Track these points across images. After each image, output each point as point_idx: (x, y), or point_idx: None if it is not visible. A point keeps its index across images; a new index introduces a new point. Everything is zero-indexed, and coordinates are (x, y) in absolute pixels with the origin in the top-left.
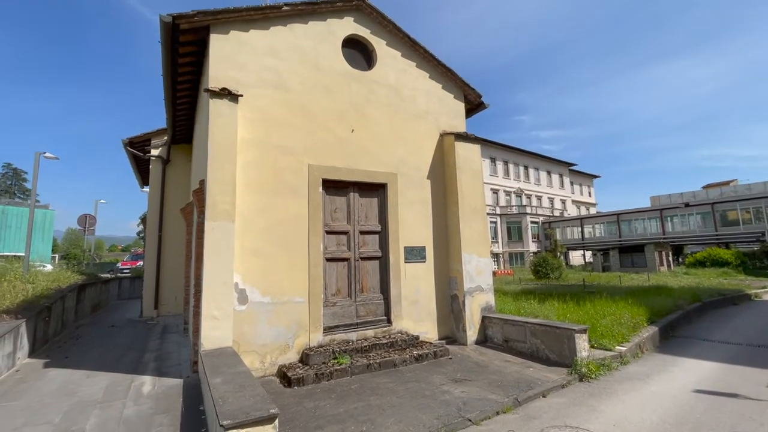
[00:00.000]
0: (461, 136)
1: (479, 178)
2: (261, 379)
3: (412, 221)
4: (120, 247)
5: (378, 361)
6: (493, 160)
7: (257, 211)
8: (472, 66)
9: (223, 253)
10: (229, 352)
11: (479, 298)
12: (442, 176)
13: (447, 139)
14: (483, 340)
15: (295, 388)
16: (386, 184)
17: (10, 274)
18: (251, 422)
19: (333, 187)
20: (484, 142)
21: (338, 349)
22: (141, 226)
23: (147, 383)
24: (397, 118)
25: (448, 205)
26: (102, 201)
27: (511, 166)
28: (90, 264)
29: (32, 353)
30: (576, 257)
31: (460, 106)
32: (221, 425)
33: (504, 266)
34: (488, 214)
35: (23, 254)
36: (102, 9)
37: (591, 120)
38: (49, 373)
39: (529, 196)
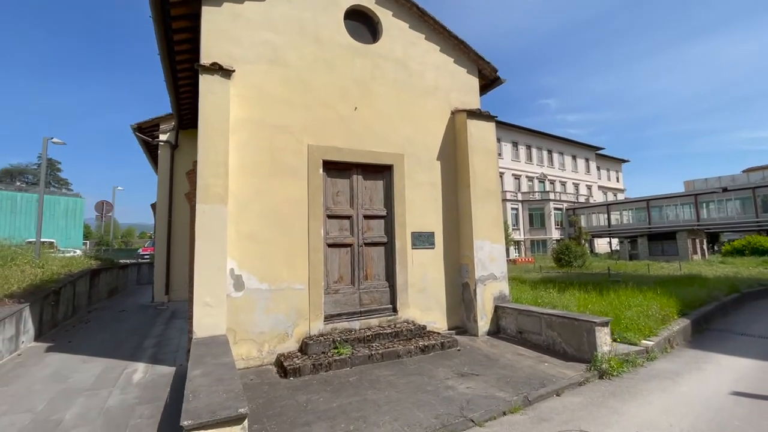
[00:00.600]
0: (474, 113)
1: (493, 158)
2: (258, 368)
3: (420, 205)
4: (148, 234)
5: (380, 351)
6: (515, 144)
7: (253, 194)
8: (497, 47)
9: (216, 237)
10: (221, 340)
11: (492, 287)
12: (453, 157)
13: (458, 117)
14: (495, 331)
15: (291, 378)
16: (392, 165)
17: (20, 258)
18: (216, 423)
19: (335, 168)
20: (506, 126)
21: (339, 339)
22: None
23: (139, 371)
24: (404, 94)
25: (459, 188)
26: (119, 188)
27: (534, 151)
28: (109, 250)
29: (39, 337)
30: (601, 245)
31: (474, 82)
32: (181, 426)
33: (525, 254)
34: (509, 200)
35: (54, 240)
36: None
37: (621, 102)
38: (47, 358)
39: (552, 182)
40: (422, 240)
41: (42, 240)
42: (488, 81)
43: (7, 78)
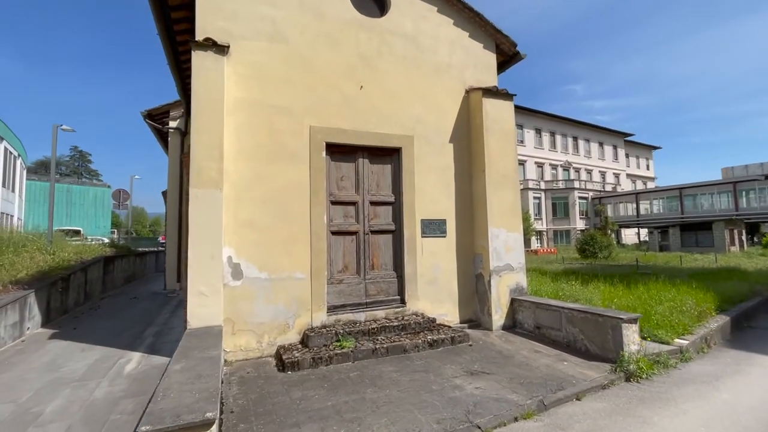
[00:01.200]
0: (490, 92)
1: (511, 140)
2: (257, 360)
3: (430, 191)
4: None
5: (385, 345)
6: (538, 131)
7: (252, 179)
8: (521, 30)
9: (211, 224)
10: (215, 331)
11: (508, 278)
12: (467, 139)
13: (473, 96)
14: (511, 326)
15: (289, 372)
16: (401, 148)
17: (30, 245)
18: (178, 429)
19: (339, 152)
20: (528, 112)
21: (343, 331)
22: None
23: (134, 360)
24: (414, 72)
25: (474, 173)
26: (136, 177)
27: (558, 138)
28: (128, 238)
29: (47, 323)
30: (629, 236)
31: (491, 58)
32: None
33: (547, 244)
34: (532, 189)
35: (80, 228)
36: None
37: (654, 86)
38: (49, 345)
39: (577, 170)
40: (433, 228)
41: (69, 228)
42: (507, 57)
43: (51, 75)
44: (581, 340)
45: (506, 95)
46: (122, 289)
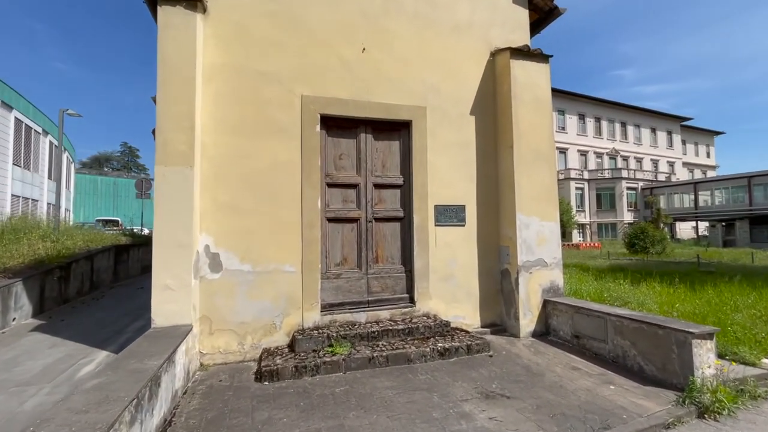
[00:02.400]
0: (519, 52)
1: (545, 110)
2: (238, 365)
3: (446, 171)
4: None
5: (386, 353)
6: (581, 117)
7: (234, 157)
8: (570, 11)
9: (180, 206)
10: (179, 333)
11: (540, 276)
12: (491, 110)
13: (500, 59)
14: (543, 332)
15: (266, 383)
16: (411, 121)
17: (34, 233)
18: None
19: (337, 126)
20: (571, 96)
21: (337, 334)
22: None
23: (95, 361)
24: (428, 32)
25: (500, 149)
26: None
27: (604, 124)
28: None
29: (39, 313)
30: (684, 230)
31: (522, 14)
32: None
33: (591, 238)
34: (574, 179)
35: (118, 218)
36: None
37: (715, 68)
38: (25, 339)
39: (626, 158)
40: (449, 215)
41: (107, 219)
42: (542, 14)
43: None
44: (633, 357)
45: (540, 56)
46: (137, 278)
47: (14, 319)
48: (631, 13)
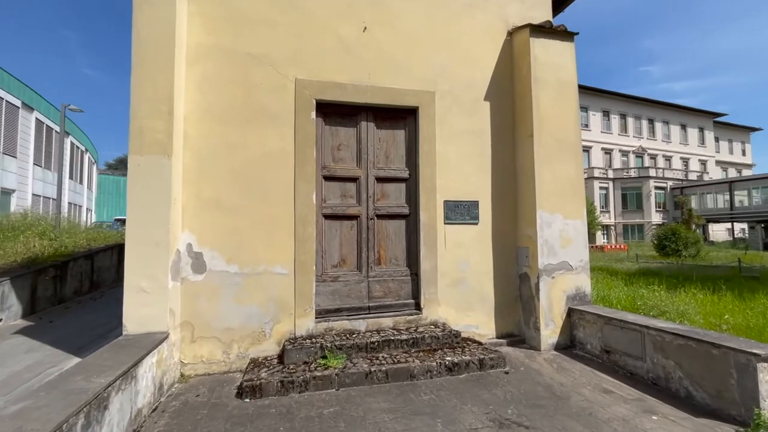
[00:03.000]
0: (540, 30)
1: (570, 94)
2: (222, 376)
3: (458, 163)
4: None
5: (385, 368)
6: (606, 113)
7: (220, 147)
8: (591, 6)
9: (156, 200)
10: (150, 342)
11: (564, 281)
12: (509, 94)
13: (518, 37)
14: (567, 345)
15: (246, 400)
16: (417, 108)
17: (31, 230)
18: None
19: (335, 113)
20: (595, 92)
21: (332, 344)
22: None
23: (64, 370)
24: (437, 9)
25: (518, 138)
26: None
27: (630, 120)
28: None
29: (30, 314)
30: (718, 232)
31: None
32: None
33: (616, 240)
34: (598, 178)
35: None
36: None
37: (750, 62)
38: (3, 343)
39: (653, 156)
40: (460, 212)
41: (125, 218)
42: None
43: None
44: (678, 380)
45: (564, 33)
46: None
47: (0, 320)
48: (656, 7)
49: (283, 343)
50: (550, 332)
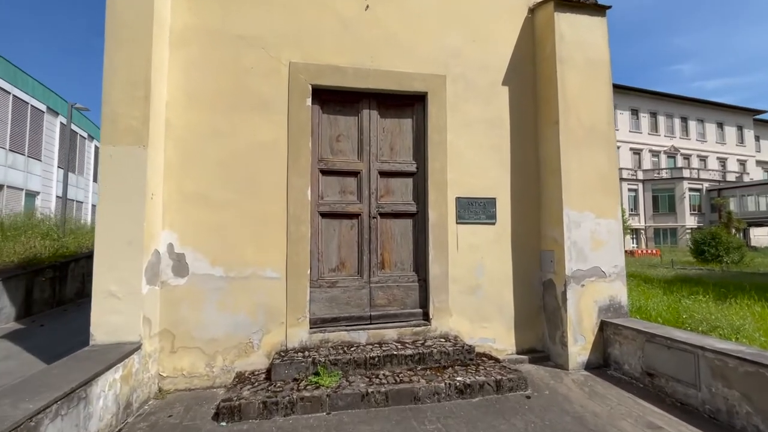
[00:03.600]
0: (566, 3)
1: (602, 74)
2: (204, 391)
3: (472, 155)
4: None
5: (385, 388)
6: (634, 112)
7: (206, 137)
8: (621, 1)
9: (129, 194)
10: (116, 354)
11: (596, 290)
12: (531, 78)
13: (541, 13)
14: (600, 364)
15: (223, 424)
16: (426, 93)
17: (34, 230)
18: None
19: (333, 100)
20: (622, 90)
21: (327, 359)
22: None
23: None
24: None
25: (541, 126)
26: None
27: (661, 119)
28: None
29: (24, 316)
30: (761, 236)
31: None
32: None
33: (646, 245)
34: (626, 179)
35: None
36: None
37: None
38: None
39: (687, 157)
40: (475, 210)
41: None
42: None
43: None
44: (747, 416)
45: (593, 7)
46: None
47: None
48: (686, 4)
49: (272, 355)
50: (579, 348)
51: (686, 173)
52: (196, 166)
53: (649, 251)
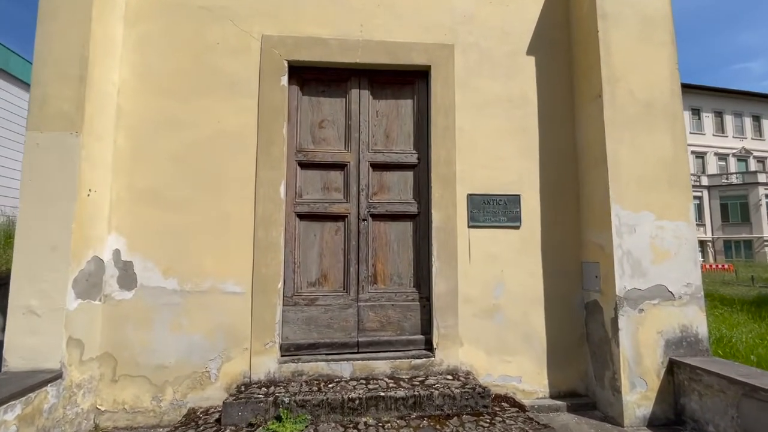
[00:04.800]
0: None
1: (660, 34)
2: (151, 430)
3: (488, 143)
4: None
5: None
6: (696, 112)
7: (162, 125)
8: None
9: (57, 190)
10: (21, 385)
11: (660, 317)
12: (564, 44)
13: None
14: (671, 420)
15: None
16: (429, 68)
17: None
18: None
19: (316, 79)
20: (682, 89)
21: (294, 399)
22: None
23: None
24: None
25: (579, 104)
26: None
27: (728, 119)
28: None
29: None
30: None
31: None
32: None
33: (714, 258)
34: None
35: None
36: None
37: None
38: None
39: (762, 160)
40: (493, 211)
41: None
42: None
43: None
44: None
45: None
46: None
47: None
48: None
49: (232, 389)
50: (638, 397)
51: (761, 178)
52: (149, 159)
53: (720, 266)
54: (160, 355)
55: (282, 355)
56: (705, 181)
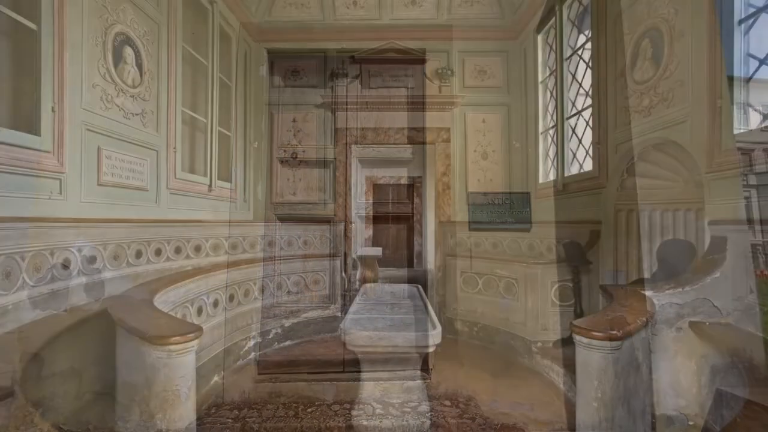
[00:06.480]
0: None
1: None
2: None
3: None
4: None
5: None
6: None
7: None
8: None
9: None
10: None
11: (702, 337)
12: None
13: None
14: None
15: None
16: None
17: None
18: None
19: None
20: None
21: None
22: None
23: None
24: None
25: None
26: None
27: None
28: None
29: None
30: None
31: None
32: None
33: (766, 264)
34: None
35: None
36: None
37: None
38: None
39: None
40: (491, 210)
41: None
42: None
43: None
44: None
45: None
46: None
47: None
48: None
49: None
50: None
51: None
52: None
53: None
54: None
55: (259, 373)
56: (753, 180)
